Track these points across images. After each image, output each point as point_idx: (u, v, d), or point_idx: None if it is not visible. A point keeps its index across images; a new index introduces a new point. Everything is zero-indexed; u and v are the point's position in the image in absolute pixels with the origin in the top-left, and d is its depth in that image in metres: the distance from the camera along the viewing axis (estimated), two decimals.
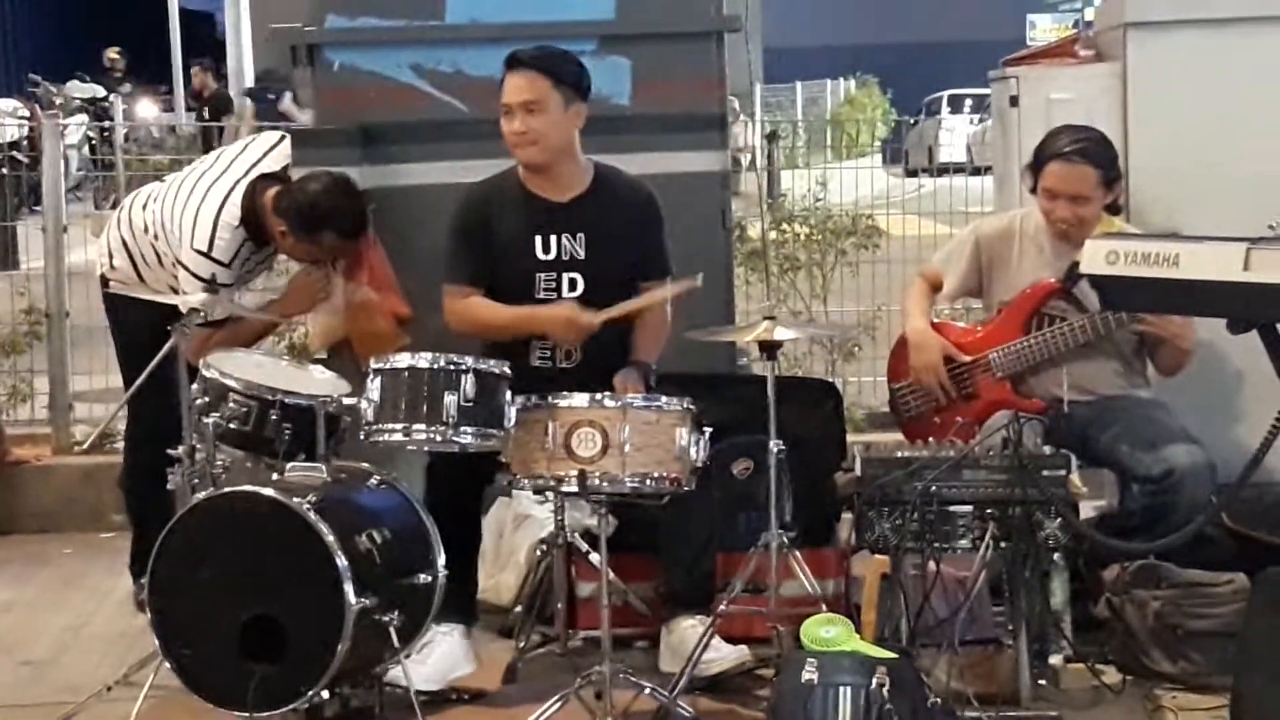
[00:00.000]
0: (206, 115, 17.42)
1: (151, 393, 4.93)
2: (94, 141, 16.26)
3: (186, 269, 5.34)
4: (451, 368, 4.43)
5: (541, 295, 4.95)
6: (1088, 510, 5.12)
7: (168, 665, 4.38)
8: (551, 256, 4.96)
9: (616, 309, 4.86)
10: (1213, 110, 5.60)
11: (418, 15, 5.71)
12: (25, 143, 12.70)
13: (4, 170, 8.55)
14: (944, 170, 11.31)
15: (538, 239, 4.96)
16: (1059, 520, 4.47)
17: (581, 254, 4.96)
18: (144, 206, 5.58)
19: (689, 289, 4.88)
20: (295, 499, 4.33)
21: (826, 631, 4.16)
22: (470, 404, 4.41)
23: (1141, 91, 5.68)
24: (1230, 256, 3.52)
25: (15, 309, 7.77)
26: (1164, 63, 5.67)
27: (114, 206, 7.53)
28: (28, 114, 16.56)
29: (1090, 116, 5.41)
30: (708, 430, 4.49)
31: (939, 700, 4.13)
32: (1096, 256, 3.71)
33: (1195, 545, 4.56)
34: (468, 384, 4.41)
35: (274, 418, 4.66)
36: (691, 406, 4.46)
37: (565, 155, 4.95)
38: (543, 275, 4.94)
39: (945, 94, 29.52)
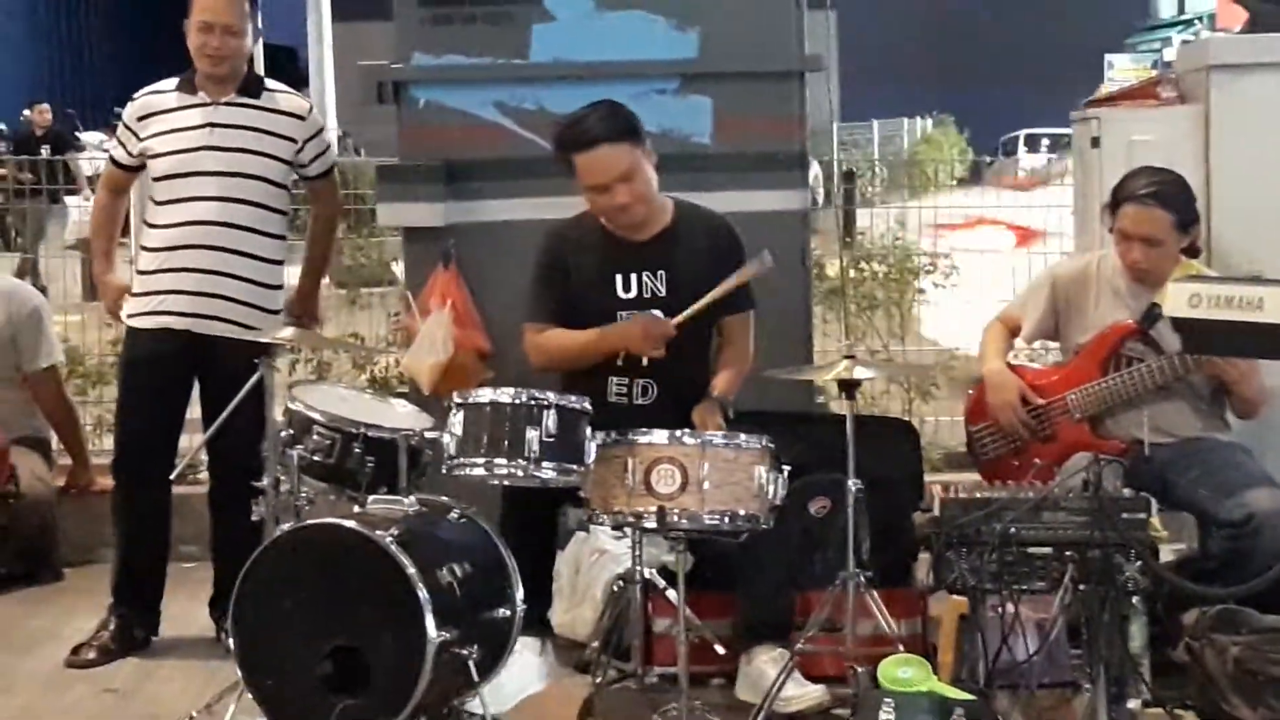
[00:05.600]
0: (47, 153, 17.16)
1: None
2: None
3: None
4: (534, 403, 4.46)
5: None
6: (1167, 554, 5.08)
7: (250, 695, 4.42)
8: (633, 295, 5.00)
9: (690, 310, 4.88)
10: None
11: (502, 53, 5.77)
12: None
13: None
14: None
15: (618, 278, 5.00)
16: (1138, 563, 4.44)
17: (663, 291, 4.99)
18: None
19: (761, 271, 4.90)
20: (378, 531, 4.37)
21: (903, 672, 4.16)
22: (552, 439, 4.42)
23: (1224, 134, 5.67)
24: None
25: (102, 339, 7.87)
26: (1247, 105, 5.66)
27: None
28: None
29: (1172, 158, 5.40)
30: (786, 468, 4.49)
31: None
32: (1179, 299, 3.71)
33: (1276, 590, 4.53)
34: (550, 419, 4.43)
35: (357, 450, 4.70)
36: (770, 445, 4.47)
37: (653, 200, 5.00)
38: (624, 314, 4.98)
39: (1022, 133, 29.42)
